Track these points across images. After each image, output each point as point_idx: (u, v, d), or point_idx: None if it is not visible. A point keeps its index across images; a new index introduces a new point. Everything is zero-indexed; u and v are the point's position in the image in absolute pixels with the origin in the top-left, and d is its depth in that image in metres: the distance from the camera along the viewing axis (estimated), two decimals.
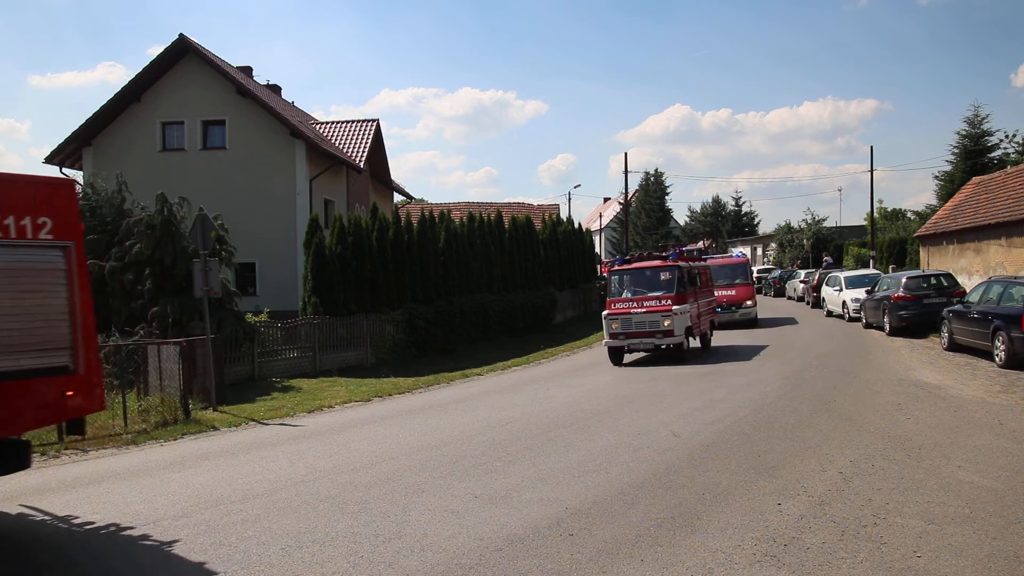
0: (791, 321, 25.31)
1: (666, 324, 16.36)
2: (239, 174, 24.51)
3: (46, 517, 7.11)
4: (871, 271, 28.09)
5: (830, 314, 25.75)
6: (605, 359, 17.66)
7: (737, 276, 25.55)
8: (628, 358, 17.84)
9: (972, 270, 24.12)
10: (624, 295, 17.32)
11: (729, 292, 24.72)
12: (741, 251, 31.56)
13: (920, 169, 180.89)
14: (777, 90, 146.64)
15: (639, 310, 16.75)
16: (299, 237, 22.96)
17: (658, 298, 16.72)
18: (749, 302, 24.56)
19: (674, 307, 16.45)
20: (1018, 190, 23.39)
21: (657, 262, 17.76)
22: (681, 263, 17.51)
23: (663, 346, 16.83)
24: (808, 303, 30.80)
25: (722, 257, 28.55)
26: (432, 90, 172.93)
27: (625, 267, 18.19)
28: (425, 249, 22.54)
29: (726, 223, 71.59)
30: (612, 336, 17.08)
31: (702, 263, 20.39)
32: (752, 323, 24.40)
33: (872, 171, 56.76)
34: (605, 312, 17.47)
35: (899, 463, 7.37)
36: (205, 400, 13.69)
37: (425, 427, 10.89)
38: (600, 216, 79.09)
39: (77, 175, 24.33)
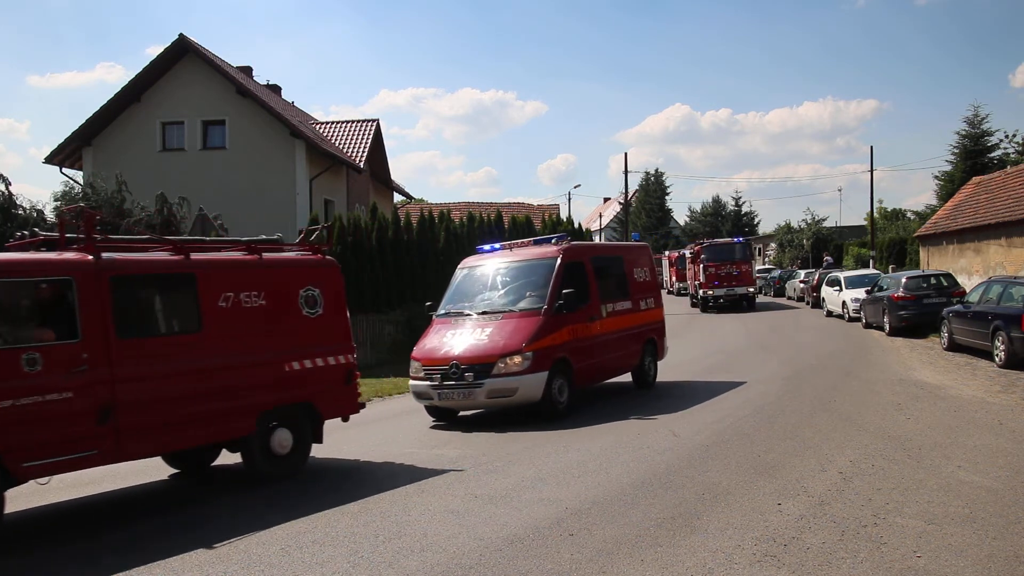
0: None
1: None
2: (239, 174, 24.50)
3: None
4: (871, 271, 28.10)
5: (830, 314, 25.74)
6: None
7: None
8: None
9: (972, 270, 24.12)
10: None
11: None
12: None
13: (920, 169, 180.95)
14: (777, 90, 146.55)
15: None
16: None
17: None
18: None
19: None
20: (1018, 190, 23.40)
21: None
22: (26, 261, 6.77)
23: None
24: (808, 303, 30.82)
25: None
26: (432, 90, 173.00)
27: None
28: (425, 249, 22.54)
29: (726, 223, 71.62)
30: None
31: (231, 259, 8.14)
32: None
33: (872, 171, 56.64)
34: None
35: (899, 463, 7.37)
36: None
37: (423, 427, 10.86)
38: (600, 216, 79.05)
39: (77, 175, 24.35)
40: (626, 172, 45.57)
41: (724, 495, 6.54)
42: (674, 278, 45.96)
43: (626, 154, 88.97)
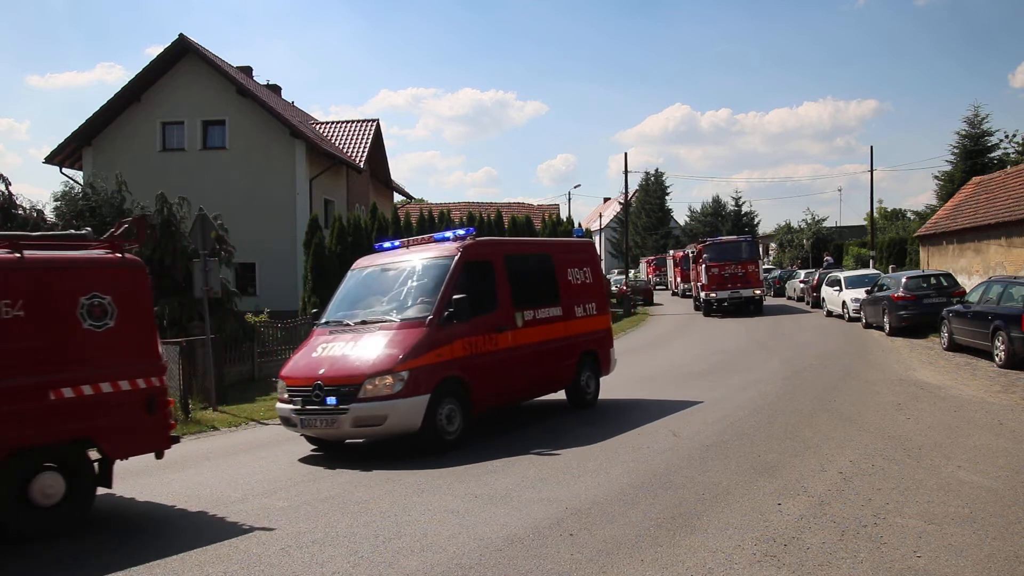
0: None
1: None
2: (239, 174, 24.53)
3: None
4: (871, 271, 28.07)
5: (830, 314, 25.73)
6: None
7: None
8: None
9: (972, 270, 24.12)
10: None
11: None
12: None
13: (920, 169, 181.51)
14: (777, 90, 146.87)
15: None
16: (299, 237, 22.97)
17: None
18: None
19: None
20: (1018, 190, 23.40)
21: None
22: None
23: None
24: (808, 303, 30.81)
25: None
26: (431, 90, 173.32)
27: None
28: None
29: (726, 223, 71.59)
30: None
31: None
32: None
33: (872, 171, 56.84)
34: None
35: (899, 463, 7.37)
36: (205, 400, 13.69)
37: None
38: (600, 216, 79.08)
39: (77, 175, 24.35)
40: (626, 172, 45.55)
41: (724, 495, 6.54)
42: (679, 279, 44.01)
43: (626, 154, 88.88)
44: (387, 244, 11.06)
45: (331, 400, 8.63)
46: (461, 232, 10.24)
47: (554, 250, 11.78)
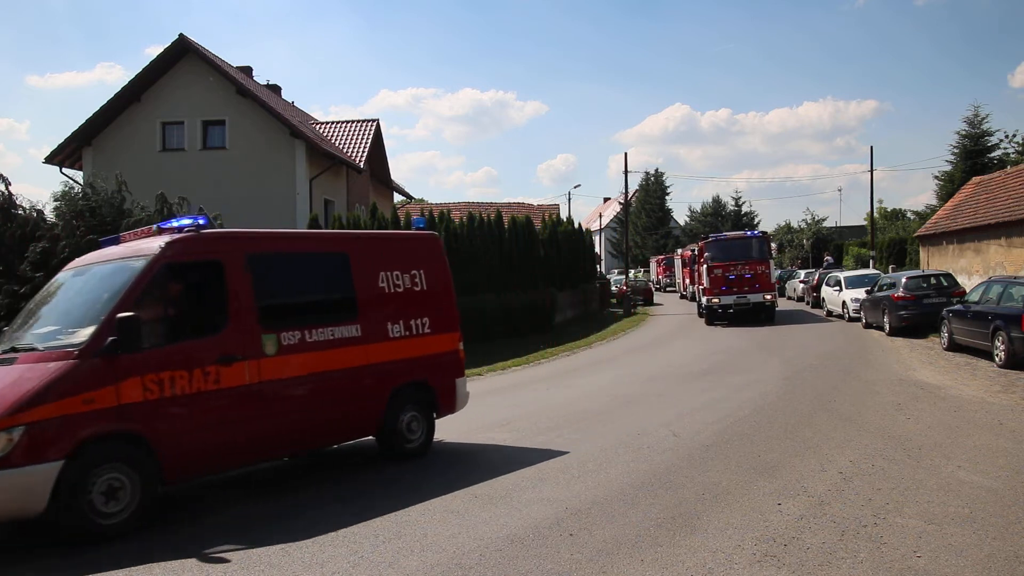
0: None
1: None
2: (239, 174, 24.51)
3: None
4: (871, 271, 28.06)
5: (830, 314, 25.73)
6: (605, 358, 17.49)
7: None
8: None
9: (972, 270, 24.13)
10: None
11: None
12: None
13: (920, 169, 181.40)
14: (777, 90, 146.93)
15: None
16: None
17: None
18: None
19: None
20: (1018, 190, 23.42)
21: None
22: None
23: None
24: (808, 303, 30.82)
25: None
26: (431, 90, 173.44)
27: None
28: None
29: (726, 223, 71.59)
30: None
31: None
32: None
33: (872, 171, 56.85)
34: None
35: (899, 463, 7.38)
36: None
37: None
38: (600, 216, 79.10)
39: (77, 175, 24.35)
40: (626, 172, 45.55)
41: (724, 495, 6.54)
42: (686, 280, 38.62)
43: (626, 154, 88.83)
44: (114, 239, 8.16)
45: None
46: (186, 222, 7.37)
47: (354, 247, 8.50)
